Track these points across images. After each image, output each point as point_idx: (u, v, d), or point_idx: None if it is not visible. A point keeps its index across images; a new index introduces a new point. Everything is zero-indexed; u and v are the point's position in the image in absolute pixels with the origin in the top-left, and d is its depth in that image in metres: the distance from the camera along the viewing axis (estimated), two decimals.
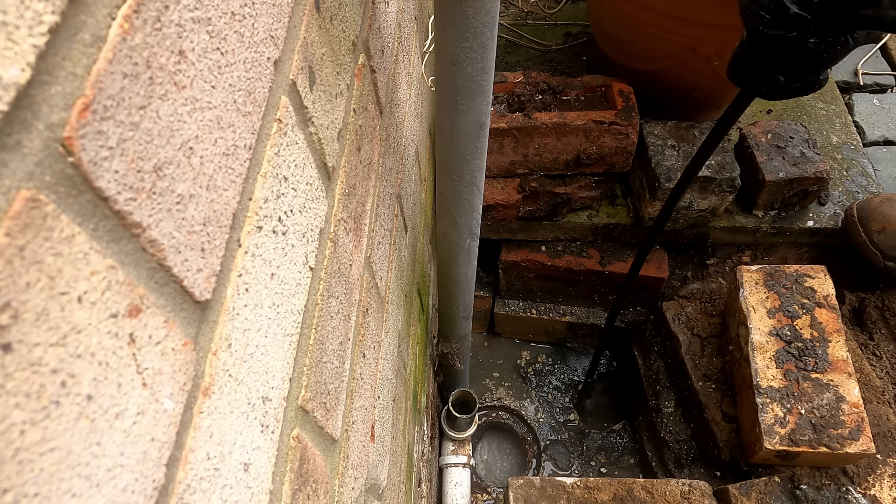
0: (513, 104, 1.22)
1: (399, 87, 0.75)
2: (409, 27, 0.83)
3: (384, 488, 0.66)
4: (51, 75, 0.17)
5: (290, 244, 0.36)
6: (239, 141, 0.29)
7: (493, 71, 0.61)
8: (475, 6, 0.53)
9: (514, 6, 1.71)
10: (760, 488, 1.02)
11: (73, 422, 0.18)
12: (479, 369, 1.62)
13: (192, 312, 0.25)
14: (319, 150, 0.41)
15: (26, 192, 0.16)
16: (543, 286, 1.48)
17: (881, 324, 1.26)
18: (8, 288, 0.16)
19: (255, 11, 0.30)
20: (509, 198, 1.29)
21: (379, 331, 0.64)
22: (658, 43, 1.18)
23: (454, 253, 0.89)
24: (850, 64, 1.73)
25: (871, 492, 1.02)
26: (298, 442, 0.37)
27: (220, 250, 0.27)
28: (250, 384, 0.31)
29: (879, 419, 1.10)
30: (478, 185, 0.76)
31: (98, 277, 0.19)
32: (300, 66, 0.37)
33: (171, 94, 0.23)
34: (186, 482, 0.24)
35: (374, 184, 0.60)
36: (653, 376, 1.40)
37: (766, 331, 1.10)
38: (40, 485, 0.17)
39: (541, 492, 1.01)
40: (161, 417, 0.23)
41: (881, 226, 1.18)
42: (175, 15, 0.23)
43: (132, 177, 0.21)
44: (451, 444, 1.34)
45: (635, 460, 1.47)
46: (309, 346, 0.40)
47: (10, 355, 0.16)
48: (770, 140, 1.26)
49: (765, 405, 1.02)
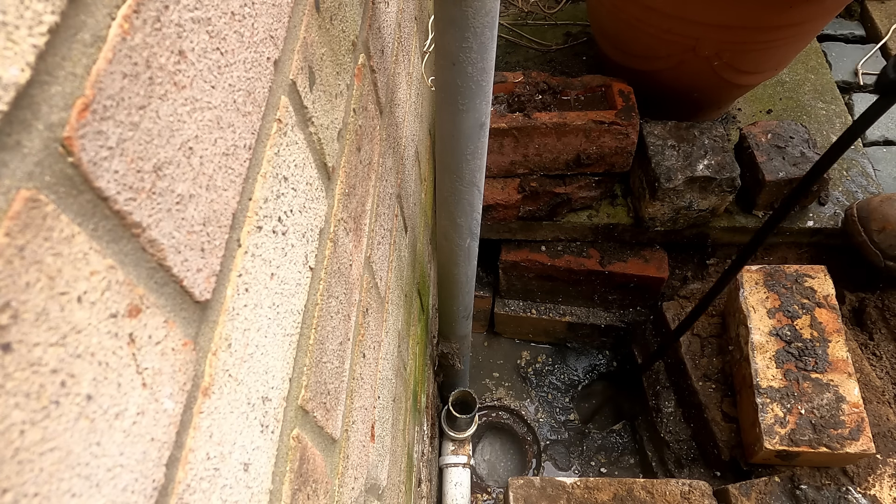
0: (513, 104, 1.22)
1: (399, 87, 0.74)
2: (409, 27, 0.83)
3: (384, 488, 0.66)
4: (50, 75, 0.17)
5: (290, 244, 0.36)
6: (239, 141, 0.29)
7: (493, 71, 0.61)
8: (475, 6, 0.53)
9: (514, 6, 1.71)
10: (760, 488, 1.02)
11: (72, 422, 0.18)
12: (479, 369, 1.62)
13: (191, 312, 0.25)
14: (319, 150, 0.41)
15: (26, 192, 0.16)
16: (543, 286, 1.48)
17: (881, 324, 1.26)
18: (8, 288, 0.16)
19: (254, 11, 0.30)
20: (509, 198, 1.29)
21: (379, 331, 0.64)
22: (658, 43, 1.18)
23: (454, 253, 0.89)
24: (850, 64, 1.73)
25: (871, 492, 1.02)
26: (298, 442, 0.37)
27: (219, 250, 0.27)
28: (250, 384, 0.31)
29: (879, 419, 1.10)
30: (478, 185, 0.76)
31: (98, 277, 0.19)
32: (300, 66, 0.37)
33: (171, 94, 0.23)
34: (186, 482, 0.24)
35: (373, 184, 0.60)
36: (653, 376, 1.40)
37: (766, 331, 1.10)
38: (40, 485, 0.17)
39: (541, 492, 1.01)
40: (161, 417, 0.23)
41: (881, 225, 1.18)
42: (175, 15, 0.23)
43: (132, 177, 0.21)
44: (451, 444, 1.34)
45: (635, 460, 1.47)
46: (309, 346, 0.40)
47: (10, 355, 0.16)
48: (770, 140, 1.26)
49: (765, 405, 1.02)
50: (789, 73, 1.57)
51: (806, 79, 1.57)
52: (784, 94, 1.54)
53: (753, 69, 1.21)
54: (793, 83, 1.56)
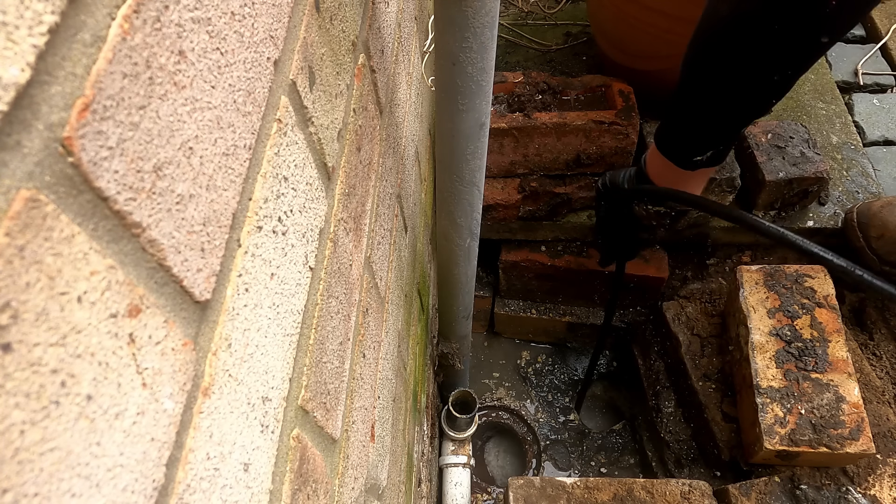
0: (513, 104, 1.22)
1: (399, 87, 0.75)
2: (409, 27, 0.83)
3: (384, 488, 0.66)
4: (50, 75, 0.17)
5: (290, 244, 0.36)
6: (239, 141, 0.29)
7: (493, 71, 0.61)
8: (475, 6, 0.53)
9: (514, 6, 1.71)
10: (760, 488, 1.02)
11: (72, 422, 0.18)
12: (479, 369, 1.62)
13: (191, 312, 0.25)
14: (319, 150, 0.41)
15: (26, 192, 0.16)
16: (543, 286, 1.48)
17: (881, 324, 1.26)
18: (8, 288, 0.16)
19: (254, 11, 0.30)
20: (509, 198, 1.29)
21: (379, 331, 0.64)
22: (658, 43, 1.18)
23: (454, 253, 0.89)
24: (850, 64, 1.73)
25: (871, 492, 1.02)
26: (298, 442, 0.37)
27: (219, 250, 0.27)
28: (250, 384, 0.31)
29: (879, 419, 1.10)
30: (478, 185, 0.76)
31: (98, 277, 0.19)
32: (300, 66, 0.37)
33: (171, 94, 0.23)
34: (186, 482, 0.24)
35: (373, 184, 0.60)
36: (653, 376, 1.40)
37: (766, 331, 1.10)
38: (40, 485, 0.17)
39: (541, 492, 1.01)
40: (161, 417, 0.23)
41: (880, 232, 1.18)
42: (175, 15, 0.23)
43: (132, 177, 0.21)
44: (451, 444, 1.34)
45: (635, 460, 1.47)
46: (309, 346, 0.40)
47: (10, 355, 0.16)
48: (770, 140, 1.26)
49: (765, 405, 1.02)
50: None
51: (806, 79, 1.57)
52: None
53: None
54: None
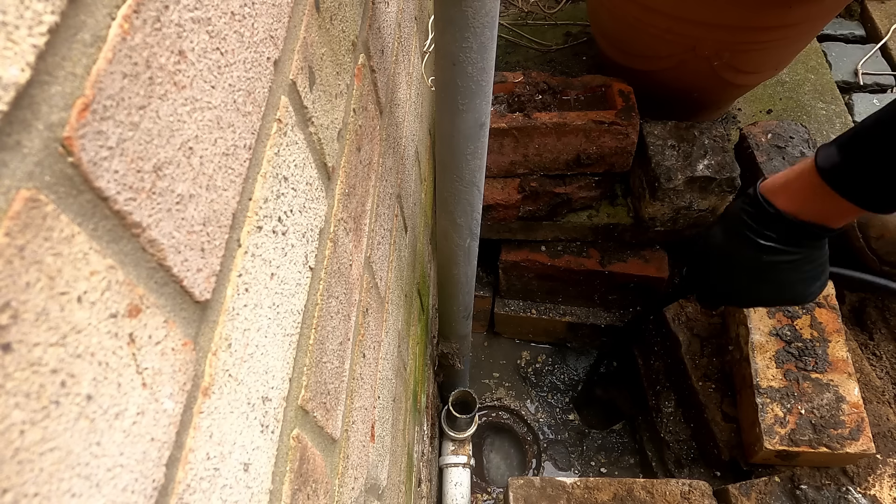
0: (513, 104, 1.22)
1: (399, 87, 0.75)
2: (409, 27, 0.83)
3: (384, 488, 0.66)
4: (50, 75, 0.17)
5: (290, 244, 0.36)
6: (239, 141, 0.29)
7: (493, 71, 0.61)
8: (475, 6, 0.53)
9: (514, 6, 1.71)
10: (760, 488, 1.02)
11: (72, 422, 0.18)
12: (479, 369, 1.62)
13: (191, 312, 0.25)
14: (319, 150, 0.41)
15: (26, 192, 0.16)
16: (543, 286, 1.48)
17: (881, 324, 1.26)
18: (8, 288, 0.16)
19: (254, 11, 0.30)
20: (509, 198, 1.29)
21: (379, 331, 0.64)
22: (658, 43, 1.18)
23: (454, 253, 0.89)
24: (850, 64, 1.73)
25: (871, 492, 1.02)
26: (298, 442, 0.37)
27: (219, 250, 0.27)
28: (250, 384, 0.31)
29: (879, 419, 1.10)
30: (478, 185, 0.76)
31: (98, 277, 0.19)
32: (300, 66, 0.37)
33: (171, 94, 0.23)
34: (186, 482, 0.24)
35: (374, 184, 0.60)
36: (653, 376, 1.40)
37: (766, 331, 1.10)
38: (40, 485, 0.17)
39: (541, 492, 1.01)
40: (161, 417, 0.23)
41: (880, 232, 1.18)
42: (175, 15, 0.23)
43: (132, 177, 0.21)
44: (451, 444, 1.34)
45: (635, 460, 1.47)
46: (309, 346, 0.40)
47: (10, 355, 0.16)
48: (770, 140, 1.26)
49: (765, 405, 1.02)
50: (789, 73, 1.57)
51: (806, 79, 1.57)
52: (784, 94, 1.54)
53: (753, 69, 1.21)
54: (793, 83, 1.56)
